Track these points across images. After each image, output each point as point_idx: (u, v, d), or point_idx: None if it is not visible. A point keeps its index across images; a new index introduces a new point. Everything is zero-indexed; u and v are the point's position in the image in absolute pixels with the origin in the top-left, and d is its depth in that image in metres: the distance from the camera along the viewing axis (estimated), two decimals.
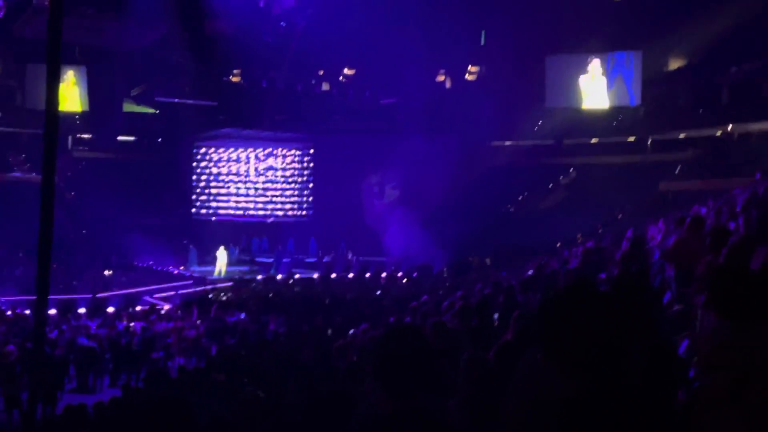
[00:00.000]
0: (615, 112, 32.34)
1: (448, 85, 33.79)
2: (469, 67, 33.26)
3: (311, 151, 33.99)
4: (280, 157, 34.32)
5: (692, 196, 20.54)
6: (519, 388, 2.75)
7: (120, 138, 34.78)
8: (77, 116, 33.49)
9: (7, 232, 24.49)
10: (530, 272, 12.28)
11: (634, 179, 27.53)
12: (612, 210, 25.30)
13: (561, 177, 31.64)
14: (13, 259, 24.98)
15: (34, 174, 29.01)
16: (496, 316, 7.69)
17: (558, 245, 20.21)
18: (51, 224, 3.36)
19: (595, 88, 32.35)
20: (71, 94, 32.79)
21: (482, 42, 33.13)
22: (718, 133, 28.81)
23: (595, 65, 32.27)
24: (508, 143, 33.11)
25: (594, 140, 32.32)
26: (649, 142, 31.14)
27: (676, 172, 28.13)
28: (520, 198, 31.04)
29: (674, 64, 31.51)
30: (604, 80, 32.20)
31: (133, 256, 27.82)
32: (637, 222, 16.90)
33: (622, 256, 9.02)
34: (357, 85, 33.37)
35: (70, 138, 33.17)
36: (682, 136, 30.00)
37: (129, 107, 34.83)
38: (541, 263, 12.83)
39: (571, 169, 31.77)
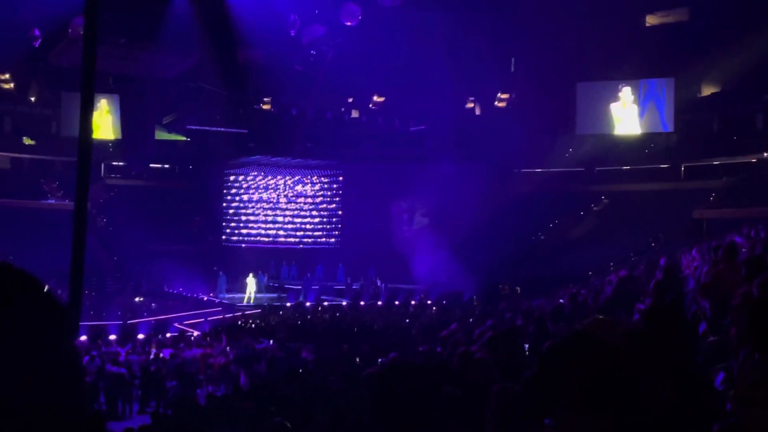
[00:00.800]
0: (647, 139, 32.07)
1: (477, 112, 33.77)
2: (499, 93, 33.24)
3: (340, 178, 34.10)
4: (310, 184, 34.46)
5: (726, 223, 20.24)
6: None
7: (152, 165, 35.23)
8: (110, 144, 34.03)
9: (39, 258, 24.77)
10: (562, 301, 12.11)
11: (667, 207, 27.21)
12: (645, 238, 24.99)
13: (592, 204, 31.35)
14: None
15: (67, 201, 29.42)
16: (527, 346, 7.57)
17: (590, 274, 19.97)
18: (83, 251, 3.37)
19: (626, 115, 32.15)
20: (104, 122, 33.34)
21: (512, 69, 33.12)
22: (753, 160, 28.42)
23: (626, 92, 32.10)
24: (538, 170, 32.92)
25: (626, 167, 32.03)
26: (682, 169, 30.81)
27: (710, 199, 27.76)
28: (550, 225, 30.79)
29: (707, 91, 31.26)
30: (635, 107, 32.00)
31: (163, 283, 28.01)
32: (671, 250, 16.66)
33: (655, 286, 8.85)
34: (386, 113, 33.48)
35: (102, 165, 33.65)
36: (715, 163, 29.65)
37: (161, 135, 35.29)
38: (573, 292, 12.64)
39: (603, 197, 31.48)
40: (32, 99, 33.99)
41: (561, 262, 22.71)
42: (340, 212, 34.11)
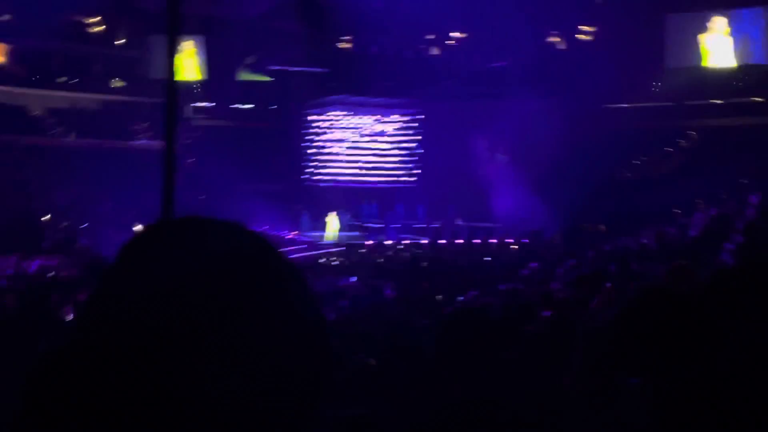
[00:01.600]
0: (740, 71, 30.55)
1: (560, 46, 32.81)
2: (583, 27, 32.14)
3: (420, 116, 33.89)
4: (389, 122, 34.42)
5: None
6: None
7: (236, 106, 35.80)
8: (196, 85, 34.71)
9: (129, 198, 25.68)
10: (646, 240, 11.87)
11: (760, 142, 26.02)
12: (736, 175, 24.03)
13: (680, 140, 30.27)
14: (135, 225, 26.27)
15: (156, 141, 30.30)
16: (608, 285, 7.48)
17: (677, 212, 19.42)
18: (173, 190, 3.49)
19: (718, 47, 30.67)
20: (190, 64, 33.97)
21: (597, 0, 31.93)
22: None
23: (718, 23, 30.55)
24: (624, 105, 31.89)
25: (717, 101, 30.67)
26: None
27: None
28: (636, 162, 29.94)
29: None
30: (728, 39, 30.47)
31: (248, 222, 28.58)
32: (764, 188, 15.99)
33: (746, 225, 8.57)
34: (466, 49, 32.91)
35: (188, 106, 34.40)
36: None
37: (244, 76, 35.75)
38: (660, 231, 12.36)
39: (692, 132, 30.33)
40: (121, 42, 34.87)
41: (647, 200, 22.09)
42: (420, 151, 34.02)
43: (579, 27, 32.16)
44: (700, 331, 1.70)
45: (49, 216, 25.59)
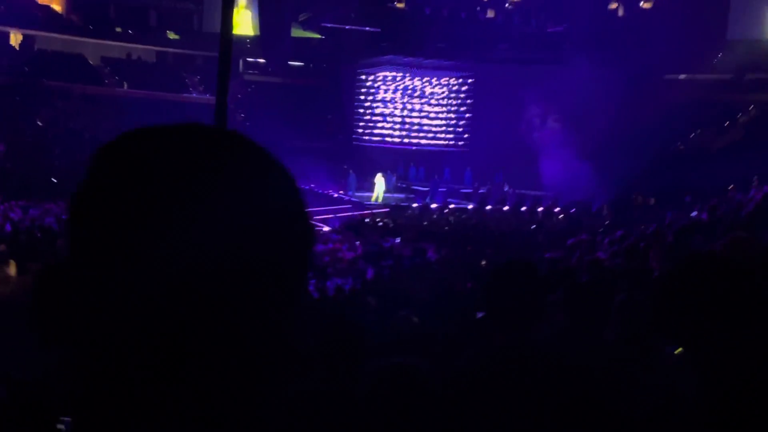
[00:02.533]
0: None
1: (620, 12, 32.00)
2: None
3: (472, 80, 33.50)
4: (440, 85, 34.11)
5: None
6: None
7: (288, 63, 35.83)
8: (249, 40, 34.80)
9: None
10: (695, 213, 11.65)
11: None
12: None
13: (739, 115, 29.42)
14: None
15: (208, 95, 30.57)
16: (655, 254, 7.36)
17: (731, 187, 18.97)
18: None
19: None
20: (244, 19, 34.05)
21: None
22: None
23: None
24: (682, 77, 31.05)
25: None
26: None
27: None
28: (692, 135, 29.23)
29: None
30: None
31: (296, 178, 28.87)
32: None
33: None
34: (523, 12, 32.33)
35: (241, 61, 34.55)
36: None
37: (297, 32, 35.70)
38: (713, 205, 12.11)
39: (752, 107, 29.44)
40: None
41: (701, 174, 21.59)
42: (469, 115, 33.70)
43: None
44: (749, 301, 1.67)
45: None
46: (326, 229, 20.93)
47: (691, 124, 29.04)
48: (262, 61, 35.69)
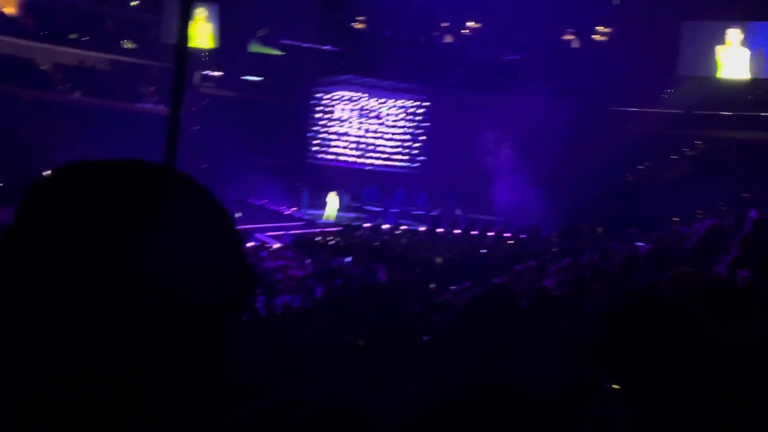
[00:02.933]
0: (753, 85, 30.49)
1: (574, 44, 32.69)
2: (599, 27, 32.00)
3: (428, 103, 33.78)
4: (397, 107, 34.30)
5: None
6: None
7: (245, 77, 35.65)
8: (206, 53, 34.55)
9: None
10: (641, 244, 11.88)
11: (765, 157, 26.01)
12: (739, 189, 24.02)
13: (686, 149, 30.23)
14: None
15: (162, 106, 30.22)
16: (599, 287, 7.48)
17: (675, 220, 19.44)
18: (175, 156, 3.47)
19: (733, 59, 30.58)
20: (202, 32, 33.80)
21: (615, 2, 31.79)
22: None
23: (734, 35, 30.46)
24: (633, 109, 31.81)
25: (727, 113, 30.59)
26: None
27: None
28: (640, 167, 29.91)
29: None
30: (743, 51, 30.39)
31: (248, 194, 28.71)
32: (765, 204, 15.99)
33: (743, 239, 8.56)
34: (480, 40, 32.78)
35: (198, 74, 34.27)
36: None
37: (255, 48, 35.57)
38: (657, 237, 12.37)
39: (699, 142, 30.28)
40: (134, 3, 34.71)
41: (647, 206, 22.11)
42: (424, 138, 33.93)
43: (595, 27, 32.02)
44: (687, 341, 1.69)
45: (48, 172, 25.55)
46: (277, 246, 20.80)
47: (640, 157, 29.73)
48: (219, 74, 35.45)
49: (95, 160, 0.72)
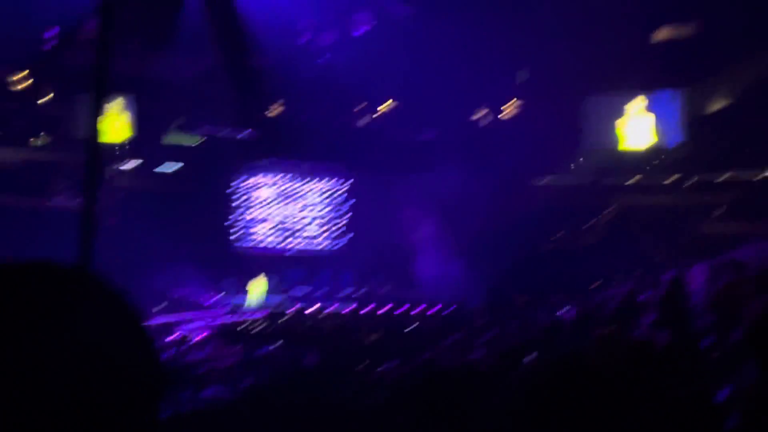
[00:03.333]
0: (656, 152, 31.99)
1: (485, 122, 33.79)
2: (507, 104, 33.24)
3: (349, 184, 34.13)
4: (318, 190, 34.51)
5: (737, 238, 20.16)
6: None
7: (162, 167, 35.31)
8: (122, 146, 34.14)
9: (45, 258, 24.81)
10: (562, 313, 12.11)
11: (675, 220, 27.14)
12: (651, 252, 24.94)
13: (598, 217, 31.30)
14: None
15: (76, 201, 29.52)
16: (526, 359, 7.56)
17: (594, 286, 19.99)
18: (91, 252, 3.40)
19: (635, 128, 32.10)
20: (117, 125, 33.47)
21: (520, 80, 33.14)
22: (766, 174, 28.28)
23: (636, 104, 32.06)
24: (545, 181, 32.89)
25: (634, 180, 31.95)
26: (691, 183, 30.69)
27: (720, 214, 27.65)
28: (558, 235, 30.74)
29: (718, 105, 31.12)
30: (645, 119, 31.95)
31: (171, 284, 28.09)
32: (678, 265, 16.61)
33: (660, 300, 8.86)
34: (396, 121, 33.54)
35: (114, 167, 33.77)
36: (726, 176, 29.49)
37: (172, 138, 35.39)
38: (580, 302, 12.67)
39: (609, 210, 31.42)
40: (46, 99, 34.20)
41: (568, 273, 22.68)
42: (347, 219, 34.12)
43: (504, 103, 33.22)
44: (608, 406, 1.73)
45: None
46: (201, 336, 20.28)
47: (557, 225, 30.57)
48: (135, 166, 35.01)
49: (5, 263, 0.72)
